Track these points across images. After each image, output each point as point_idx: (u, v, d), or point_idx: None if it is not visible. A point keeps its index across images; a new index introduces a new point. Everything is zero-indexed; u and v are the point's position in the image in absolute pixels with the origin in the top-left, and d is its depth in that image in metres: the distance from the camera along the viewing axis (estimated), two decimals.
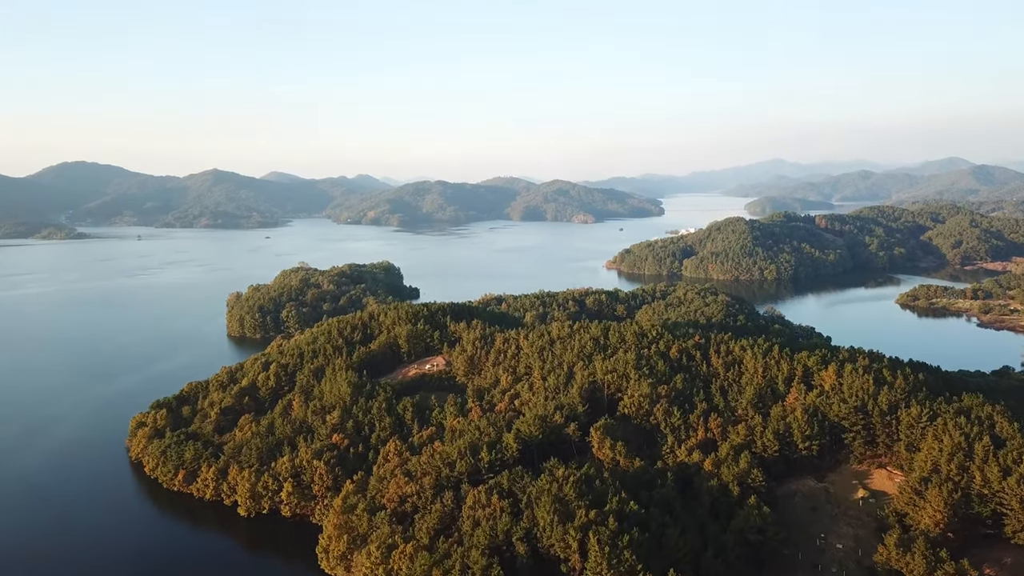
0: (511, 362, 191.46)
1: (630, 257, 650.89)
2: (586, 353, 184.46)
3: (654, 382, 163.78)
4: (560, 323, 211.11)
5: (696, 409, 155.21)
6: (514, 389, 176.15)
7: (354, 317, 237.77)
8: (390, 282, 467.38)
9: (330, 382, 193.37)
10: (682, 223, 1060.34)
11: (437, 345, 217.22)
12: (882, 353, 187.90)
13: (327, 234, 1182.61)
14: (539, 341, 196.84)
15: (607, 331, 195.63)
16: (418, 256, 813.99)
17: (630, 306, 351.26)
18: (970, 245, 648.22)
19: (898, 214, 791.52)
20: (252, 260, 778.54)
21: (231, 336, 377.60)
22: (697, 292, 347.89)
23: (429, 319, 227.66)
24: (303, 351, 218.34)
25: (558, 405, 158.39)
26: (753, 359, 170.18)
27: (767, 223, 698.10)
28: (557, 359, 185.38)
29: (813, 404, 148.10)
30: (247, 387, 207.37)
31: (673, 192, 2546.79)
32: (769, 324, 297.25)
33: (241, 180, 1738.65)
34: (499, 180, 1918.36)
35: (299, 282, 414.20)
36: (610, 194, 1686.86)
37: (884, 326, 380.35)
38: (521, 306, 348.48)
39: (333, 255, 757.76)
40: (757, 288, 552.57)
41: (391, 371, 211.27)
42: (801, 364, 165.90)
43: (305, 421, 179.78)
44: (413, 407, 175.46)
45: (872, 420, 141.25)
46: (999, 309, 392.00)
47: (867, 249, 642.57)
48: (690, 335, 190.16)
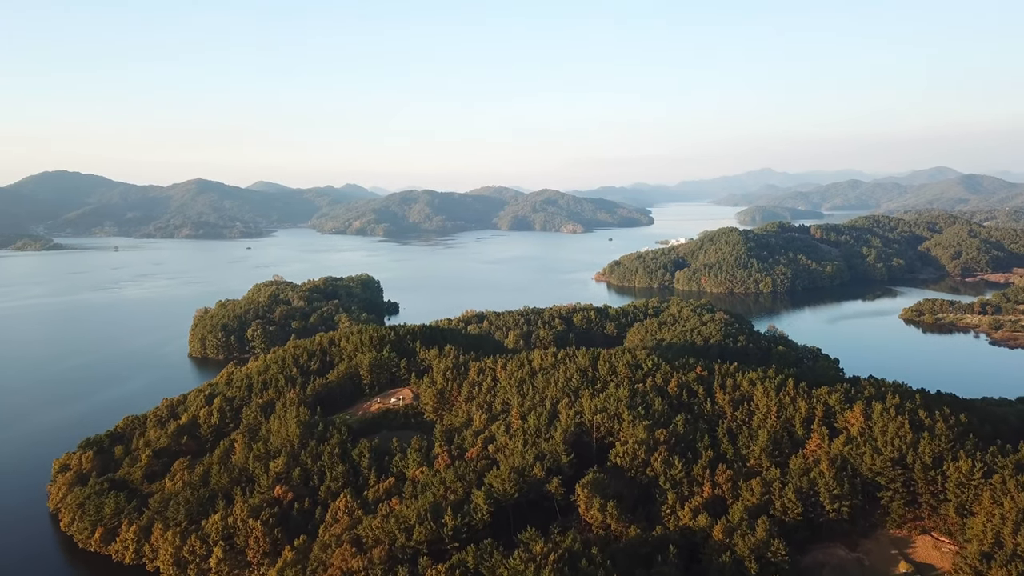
0: (486, 397, 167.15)
1: (620, 269, 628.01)
2: (572, 387, 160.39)
3: (651, 424, 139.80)
4: (543, 351, 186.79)
5: (701, 458, 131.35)
6: (489, 431, 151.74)
7: (311, 343, 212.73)
8: (367, 297, 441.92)
9: (279, 420, 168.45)
10: (672, 233, 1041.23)
11: (404, 375, 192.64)
12: (910, 386, 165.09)
13: (310, 244, 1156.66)
14: (519, 372, 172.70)
15: (596, 361, 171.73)
16: (401, 267, 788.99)
17: (620, 324, 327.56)
18: (970, 256, 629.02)
19: (894, 224, 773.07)
20: (229, 272, 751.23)
21: (192, 357, 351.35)
22: (692, 309, 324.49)
23: (396, 345, 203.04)
24: (253, 382, 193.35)
25: (538, 454, 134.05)
26: (765, 396, 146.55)
27: (761, 233, 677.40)
28: (539, 394, 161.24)
29: (840, 454, 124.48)
30: (187, 424, 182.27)
31: (663, 201, 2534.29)
32: (772, 346, 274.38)
33: (226, 189, 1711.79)
34: (487, 189, 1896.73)
35: (267, 298, 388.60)
36: (599, 203, 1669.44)
37: (892, 345, 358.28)
38: (504, 324, 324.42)
39: (314, 267, 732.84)
40: (752, 302, 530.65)
41: (351, 405, 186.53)
42: (821, 402, 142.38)
43: (246, 468, 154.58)
44: (371, 452, 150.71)
45: (914, 475, 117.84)
46: (1010, 325, 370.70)
47: (865, 260, 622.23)
48: (691, 366, 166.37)
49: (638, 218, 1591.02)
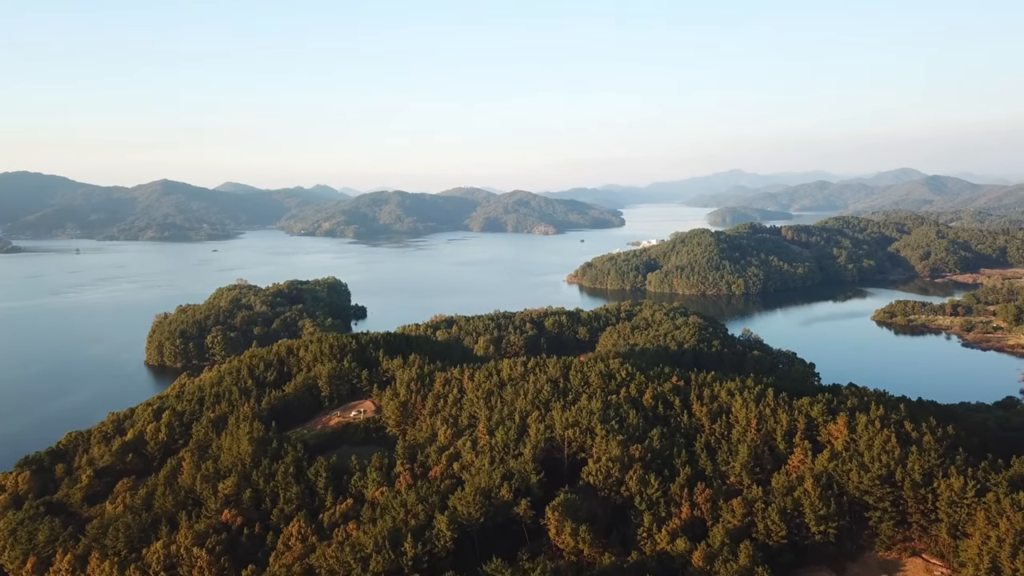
0: (452, 410, 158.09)
1: (592, 271, 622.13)
2: (542, 400, 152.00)
3: (625, 439, 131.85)
4: (512, 360, 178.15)
5: (678, 476, 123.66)
6: (454, 447, 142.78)
7: (268, 352, 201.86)
8: (333, 301, 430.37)
9: (231, 436, 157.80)
10: (643, 234, 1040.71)
11: (365, 387, 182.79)
12: (892, 395, 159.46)
13: (278, 246, 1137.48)
14: (486, 383, 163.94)
15: (568, 371, 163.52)
16: (370, 270, 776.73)
17: (593, 328, 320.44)
18: (939, 257, 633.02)
19: (863, 224, 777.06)
20: (194, 276, 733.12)
21: (149, 365, 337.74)
22: (665, 313, 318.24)
23: (357, 354, 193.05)
24: (205, 394, 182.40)
25: (506, 473, 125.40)
26: (744, 408, 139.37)
27: (733, 235, 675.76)
28: (507, 407, 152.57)
29: (825, 471, 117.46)
30: (132, 441, 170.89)
31: (634, 203, 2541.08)
32: (747, 350, 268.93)
33: (192, 191, 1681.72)
34: (459, 191, 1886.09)
35: (229, 303, 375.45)
36: (571, 205, 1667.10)
37: (866, 347, 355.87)
38: (474, 329, 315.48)
39: (281, 269, 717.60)
40: (725, 304, 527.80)
41: (309, 419, 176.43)
42: (803, 414, 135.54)
43: (193, 490, 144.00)
44: (328, 471, 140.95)
45: (903, 493, 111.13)
46: (981, 326, 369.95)
47: (835, 261, 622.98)
48: (666, 376, 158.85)
49: (609, 219, 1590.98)
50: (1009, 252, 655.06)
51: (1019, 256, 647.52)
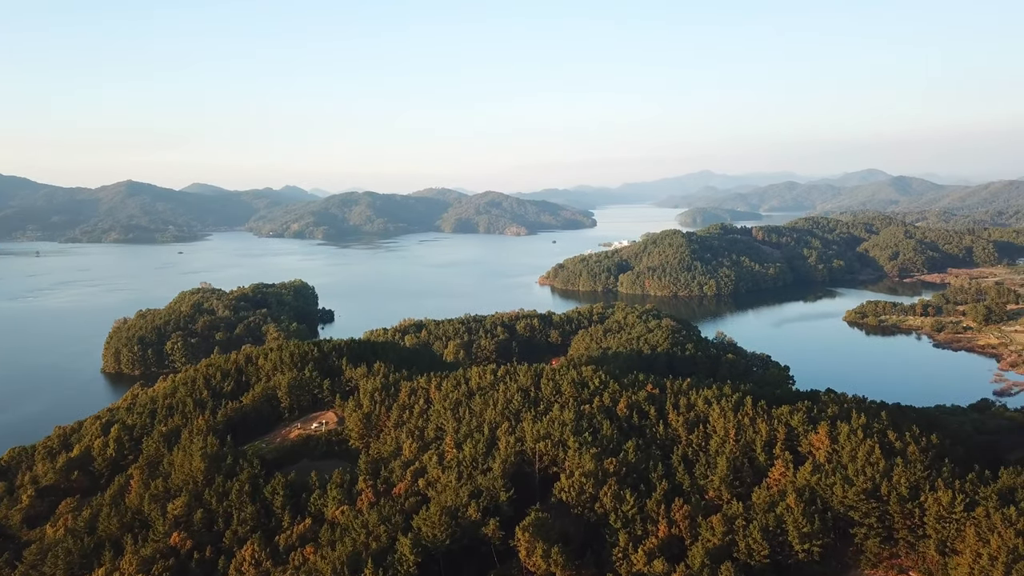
0: (418, 421, 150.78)
1: (564, 272, 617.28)
2: (512, 410, 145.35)
3: (599, 453, 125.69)
4: (481, 368, 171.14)
5: (655, 491, 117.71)
6: (420, 461, 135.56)
7: (226, 361, 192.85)
8: (299, 305, 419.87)
9: (183, 452, 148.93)
10: (615, 235, 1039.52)
11: (327, 397, 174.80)
12: (872, 400, 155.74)
13: (246, 248, 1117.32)
14: (454, 393, 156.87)
15: (539, 379, 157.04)
16: (339, 272, 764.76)
17: (565, 331, 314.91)
18: (907, 257, 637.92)
19: (833, 225, 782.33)
20: (157, 279, 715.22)
21: (106, 373, 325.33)
22: (638, 315, 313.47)
23: (319, 362, 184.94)
24: (157, 406, 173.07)
25: (474, 491, 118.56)
26: (722, 417, 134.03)
27: (704, 235, 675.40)
28: (476, 418, 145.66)
29: (808, 485, 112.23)
30: (78, 457, 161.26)
31: (605, 203, 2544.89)
32: (721, 354, 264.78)
33: (158, 192, 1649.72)
34: (431, 191, 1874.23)
35: (190, 307, 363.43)
36: (543, 206, 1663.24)
37: (839, 348, 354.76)
38: (444, 333, 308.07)
39: (248, 272, 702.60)
40: (697, 305, 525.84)
41: (268, 432, 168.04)
42: (783, 423, 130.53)
43: (141, 511, 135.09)
44: (286, 488, 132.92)
45: (889, 509, 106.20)
46: (952, 327, 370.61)
47: (806, 262, 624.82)
48: (641, 384, 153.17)
49: (581, 220, 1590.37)
50: (975, 252, 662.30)
51: (985, 256, 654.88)
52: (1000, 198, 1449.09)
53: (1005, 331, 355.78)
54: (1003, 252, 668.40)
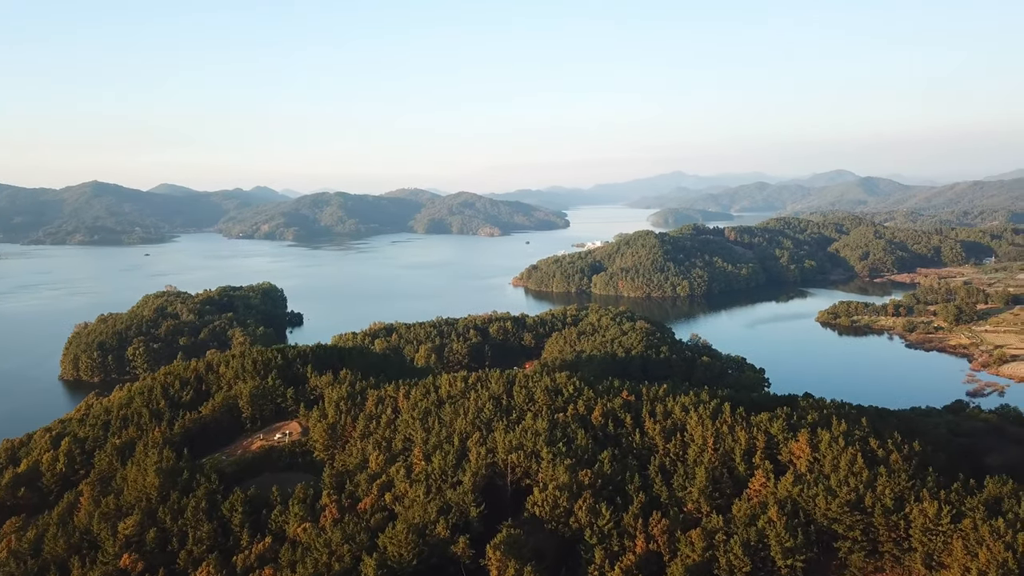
0: (385, 432, 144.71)
1: (537, 274, 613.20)
2: (484, 419, 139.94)
3: (573, 464, 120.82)
4: (452, 376, 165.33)
5: (632, 504, 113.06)
6: (387, 474, 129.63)
7: (185, 369, 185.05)
8: (267, 308, 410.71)
9: (137, 467, 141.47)
10: (588, 235, 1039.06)
11: (291, 406, 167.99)
12: (850, 404, 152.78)
13: (214, 250, 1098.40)
14: (423, 402, 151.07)
15: (511, 386, 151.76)
16: (310, 274, 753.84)
17: (538, 334, 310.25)
18: (877, 257, 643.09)
19: (804, 225, 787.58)
20: (122, 282, 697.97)
21: (64, 380, 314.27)
22: (612, 317, 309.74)
23: (283, 370, 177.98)
24: (112, 417, 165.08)
25: (443, 506, 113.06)
26: (700, 425, 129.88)
27: (677, 236, 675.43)
28: (446, 428, 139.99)
29: (790, 497, 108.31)
30: (26, 472, 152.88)
31: (578, 204, 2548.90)
32: (696, 357, 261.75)
33: (125, 192, 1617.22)
34: (403, 192, 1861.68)
35: (153, 311, 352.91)
36: (516, 207, 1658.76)
37: (813, 349, 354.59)
38: (415, 337, 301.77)
39: (216, 274, 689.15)
40: (670, 306, 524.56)
41: (229, 443, 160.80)
42: (762, 431, 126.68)
43: (90, 531, 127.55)
44: (245, 504, 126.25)
45: (873, 521, 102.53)
46: (923, 327, 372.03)
47: (778, 262, 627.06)
48: (616, 390, 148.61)
49: (554, 221, 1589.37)
50: (943, 252, 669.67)
51: (953, 256, 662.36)
52: (965, 198, 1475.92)
53: (975, 331, 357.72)
54: (970, 252, 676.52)
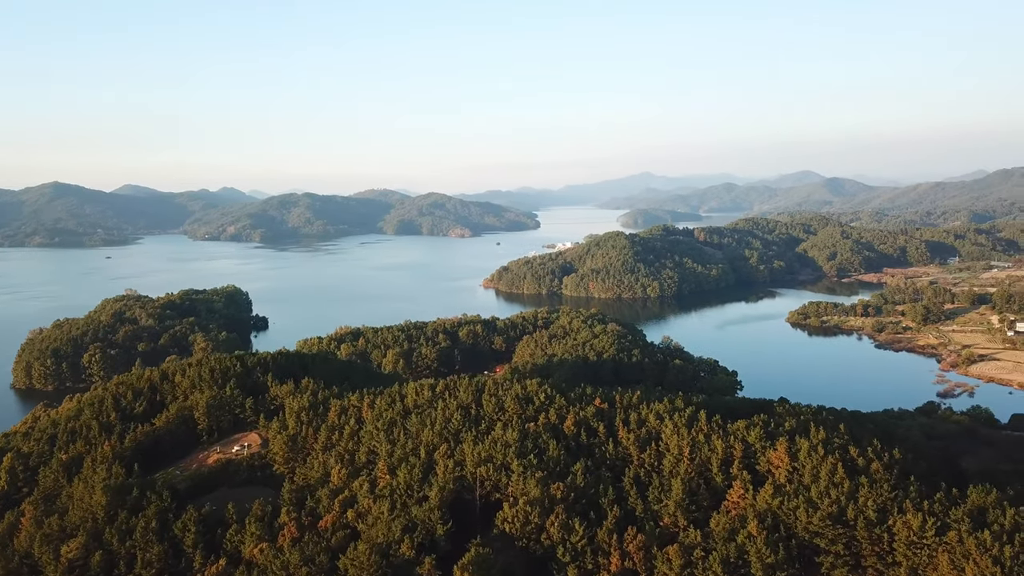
0: (348, 444, 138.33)
1: (508, 275, 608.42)
2: (452, 430, 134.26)
3: (545, 477, 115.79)
4: (419, 384, 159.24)
5: (606, 519, 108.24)
6: (349, 489, 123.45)
7: (138, 378, 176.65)
8: (231, 312, 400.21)
9: (84, 484, 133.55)
10: (558, 236, 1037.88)
11: (250, 417, 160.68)
12: (826, 408, 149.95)
13: (179, 252, 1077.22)
14: (388, 412, 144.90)
15: (480, 395, 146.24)
16: (276, 276, 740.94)
17: (509, 337, 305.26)
18: (844, 257, 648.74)
19: (772, 225, 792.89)
20: (81, 285, 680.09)
21: (16, 389, 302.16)
22: (583, 320, 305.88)
23: (242, 379, 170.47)
24: (59, 431, 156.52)
25: (408, 524, 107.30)
26: (675, 434, 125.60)
27: (647, 237, 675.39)
28: (412, 440, 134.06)
29: (770, 509, 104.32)
30: None
31: (548, 205, 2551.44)
32: (668, 360, 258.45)
33: (87, 193, 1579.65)
34: (372, 193, 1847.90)
35: (111, 316, 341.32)
36: (487, 207, 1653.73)
37: (784, 350, 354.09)
38: (383, 341, 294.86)
39: (180, 277, 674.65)
40: (641, 307, 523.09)
41: (184, 457, 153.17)
42: (739, 440, 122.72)
43: (30, 555, 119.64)
44: (198, 523, 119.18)
45: (856, 534, 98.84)
46: (892, 327, 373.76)
47: (747, 263, 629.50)
48: (588, 398, 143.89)
49: (525, 222, 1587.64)
50: (909, 252, 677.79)
51: (918, 255, 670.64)
52: (927, 199, 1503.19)
53: (943, 331, 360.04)
54: (935, 252, 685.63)
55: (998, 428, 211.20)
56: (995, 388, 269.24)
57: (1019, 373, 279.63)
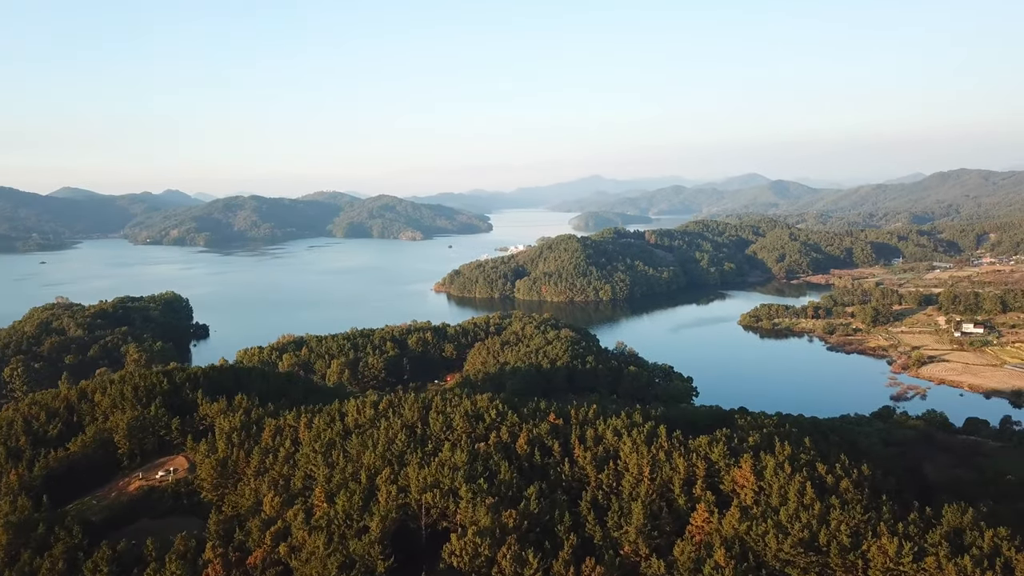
0: (283, 468, 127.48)
1: (460, 279, 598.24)
2: (396, 452, 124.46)
3: (496, 503, 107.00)
4: (361, 401, 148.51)
5: (562, 548, 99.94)
6: (283, 519, 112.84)
7: (54, 397, 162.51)
8: (169, 321, 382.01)
9: None
10: (511, 239, 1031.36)
11: (177, 439, 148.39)
12: (788, 419, 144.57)
13: (118, 257, 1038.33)
14: (327, 432, 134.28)
15: (427, 412, 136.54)
16: (220, 281, 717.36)
17: (460, 344, 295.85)
18: (793, 259, 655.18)
19: (722, 228, 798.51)
20: (11, 293, 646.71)
21: None
22: (536, 326, 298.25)
23: (170, 397, 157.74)
24: None
25: (345, 560, 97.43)
26: (635, 452, 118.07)
27: (599, 240, 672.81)
28: (352, 463, 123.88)
29: (737, 535, 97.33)
30: None
31: (501, 208, 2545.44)
32: (623, 366, 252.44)
33: (21, 196, 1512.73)
34: (321, 195, 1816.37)
35: (36, 327, 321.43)
36: (438, 210, 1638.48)
37: (738, 354, 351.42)
38: (327, 350, 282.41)
39: (117, 283, 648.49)
40: (593, 310, 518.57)
41: (102, 485, 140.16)
42: (702, 457, 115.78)
43: None
44: (113, 562, 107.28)
45: (830, 561, 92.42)
46: (842, 329, 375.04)
47: (698, 265, 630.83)
48: (542, 413, 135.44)
49: (477, 224, 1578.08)
50: (855, 253, 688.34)
51: (864, 257, 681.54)
52: (869, 201, 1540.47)
53: (892, 332, 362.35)
54: (879, 253, 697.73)
55: (953, 432, 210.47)
56: (946, 390, 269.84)
57: (969, 374, 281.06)
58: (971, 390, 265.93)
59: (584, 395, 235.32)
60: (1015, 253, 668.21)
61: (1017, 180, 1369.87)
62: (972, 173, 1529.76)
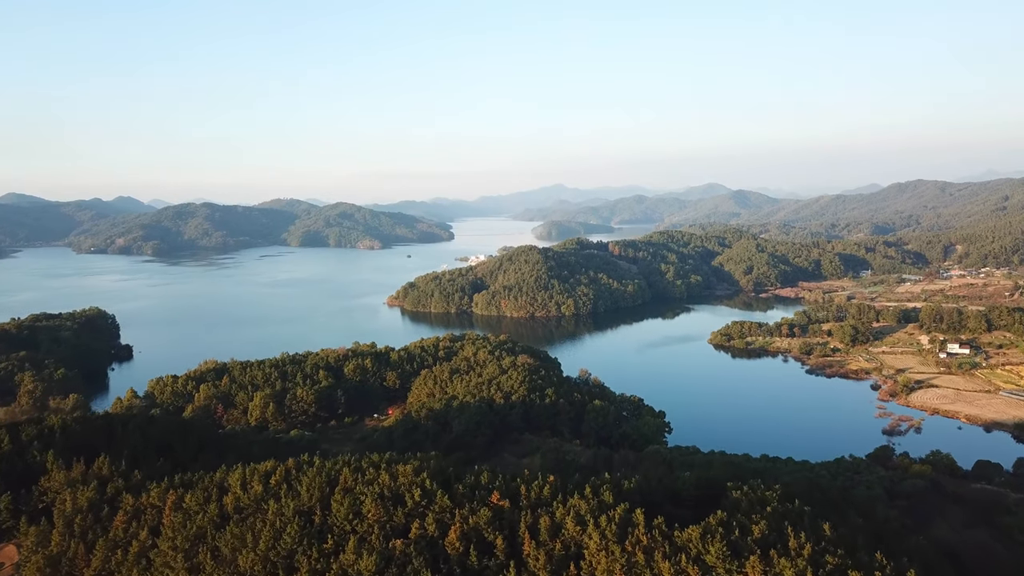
0: (133, 571, 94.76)
1: (415, 292, 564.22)
2: (283, 550, 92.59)
3: None
4: (249, 469, 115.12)
5: None
6: None
7: None
8: (86, 342, 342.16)
9: None
10: (472, 249, 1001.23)
11: (8, 521, 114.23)
12: (789, 487, 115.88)
13: (57, 267, 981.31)
14: (198, 517, 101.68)
15: (331, 493, 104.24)
16: (159, 294, 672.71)
17: (404, 372, 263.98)
18: (761, 271, 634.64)
19: (687, 239, 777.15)
20: None
21: None
22: (491, 351, 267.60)
23: (10, 461, 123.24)
24: None
25: None
26: (604, 551, 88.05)
27: (561, 251, 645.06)
28: (225, 568, 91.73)
29: None
30: None
31: (463, 216, 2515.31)
32: (587, 400, 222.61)
33: None
34: (278, 202, 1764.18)
35: None
36: (398, 218, 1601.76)
37: (712, 381, 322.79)
38: (252, 379, 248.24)
39: (46, 296, 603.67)
40: (555, 326, 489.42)
41: None
42: (692, 559, 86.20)
43: None
44: None
45: None
46: (820, 349, 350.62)
47: (664, 278, 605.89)
48: (484, 490, 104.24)
49: (439, 233, 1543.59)
50: (823, 265, 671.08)
51: (832, 269, 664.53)
52: (829, 211, 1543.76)
53: (873, 352, 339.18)
54: (847, 264, 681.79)
55: (962, 478, 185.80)
56: (941, 422, 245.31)
57: (963, 402, 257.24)
58: (968, 422, 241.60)
59: (542, 435, 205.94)
60: (983, 265, 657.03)
61: (972, 191, 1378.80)
62: (928, 184, 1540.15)
